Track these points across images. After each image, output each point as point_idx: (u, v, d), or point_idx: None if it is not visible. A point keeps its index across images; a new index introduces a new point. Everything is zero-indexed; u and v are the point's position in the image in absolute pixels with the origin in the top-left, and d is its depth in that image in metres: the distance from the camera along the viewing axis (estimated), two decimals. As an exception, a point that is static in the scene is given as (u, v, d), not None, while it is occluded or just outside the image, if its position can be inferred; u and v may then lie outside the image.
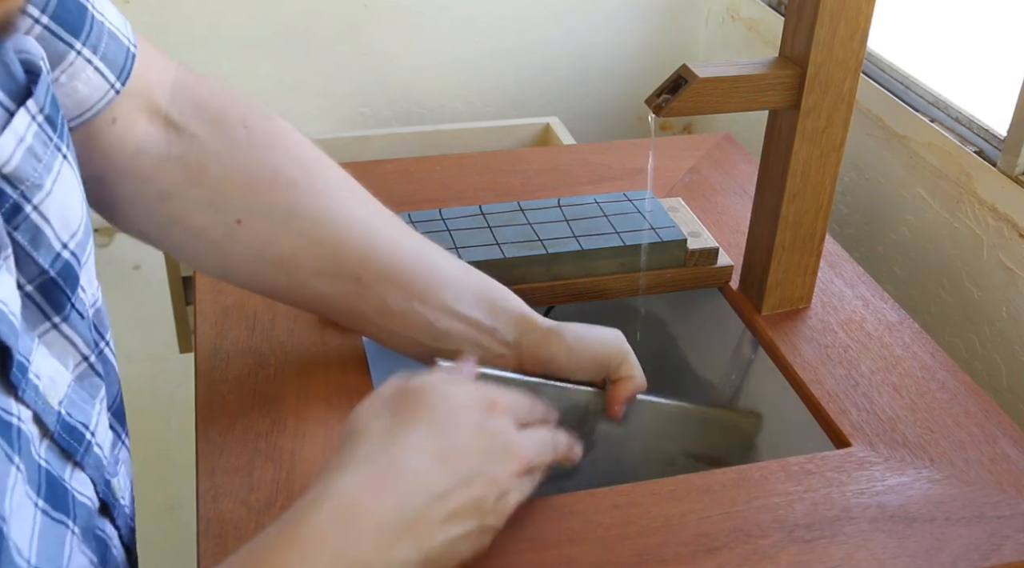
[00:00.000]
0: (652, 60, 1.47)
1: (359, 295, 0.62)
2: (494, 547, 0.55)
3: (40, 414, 0.45)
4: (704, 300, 0.84)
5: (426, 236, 0.65)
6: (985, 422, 0.66)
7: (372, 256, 0.62)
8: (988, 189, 0.86)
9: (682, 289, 0.80)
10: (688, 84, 0.65)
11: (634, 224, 0.79)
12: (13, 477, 0.41)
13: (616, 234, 0.78)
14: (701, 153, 0.98)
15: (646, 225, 0.78)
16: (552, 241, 0.77)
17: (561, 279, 0.76)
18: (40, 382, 0.46)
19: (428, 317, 0.62)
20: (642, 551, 0.56)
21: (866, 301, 0.78)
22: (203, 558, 0.54)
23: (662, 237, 0.77)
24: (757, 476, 0.61)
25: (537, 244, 0.76)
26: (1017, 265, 0.84)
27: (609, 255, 0.77)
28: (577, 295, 0.77)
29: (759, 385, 0.78)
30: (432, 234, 0.76)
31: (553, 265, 0.76)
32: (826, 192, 0.71)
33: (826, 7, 0.63)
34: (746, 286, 0.78)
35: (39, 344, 0.47)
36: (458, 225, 0.78)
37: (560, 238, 0.77)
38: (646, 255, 0.76)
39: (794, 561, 0.55)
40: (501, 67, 1.43)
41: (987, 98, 0.91)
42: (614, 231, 0.78)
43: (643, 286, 0.77)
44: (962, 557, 0.56)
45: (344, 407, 0.65)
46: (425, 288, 0.62)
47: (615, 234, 0.78)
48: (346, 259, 0.62)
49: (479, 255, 0.74)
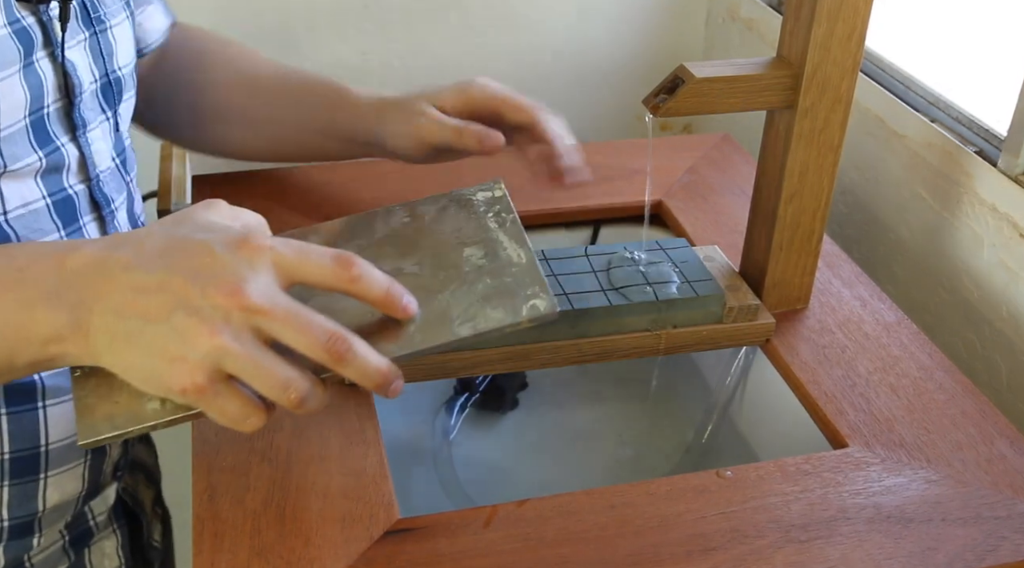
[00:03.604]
0: (652, 60, 1.47)
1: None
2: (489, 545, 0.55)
3: (87, 161, 0.62)
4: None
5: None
6: (982, 423, 0.66)
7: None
8: (988, 189, 0.86)
9: (718, 347, 0.74)
10: (685, 84, 0.65)
11: (667, 275, 0.73)
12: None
13: (648, 286, 0.71)
14: (700, 153, 0.98)
15: (680, 277, 0.73)
16: (578, 296, 0.71)
17: (587, 337, 0.70)
18: (92, 145, 0.63)
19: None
20: (637, 551, 0.56)
21: (864, 301, 0.78)
22: (198, 558, 0.54)
23: (698, 292, 0.71)
24: (753, 476, 0.61)
25: (561, 298, 0.69)
26: (1017, 265, 0.84)
27: (640, 311, 0.70)
28: (604, 354, 0.71)
29: (756, 385, 0.78)
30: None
31: (579, 321, 0.70)
32: (824, 192, 0.71)
33: (823, 7, 0.63)
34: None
35: (98, 125, 0.63)
36: None
37: (587, 292, 0.71)
38: (680, 311, 0.71)
39: (790, 562, 0.55)
40: (501, 67, 1.43)
41: (987, 98, 0.91)
42: (646, 282, 0.72)
43: (676, 345, 0.72)
44: (958, 558, 0.56)
45: (343, 406, 0.65)
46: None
47: (647, 286, 0.71)
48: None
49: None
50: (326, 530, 0.56)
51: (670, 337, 0.71)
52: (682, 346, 0.72)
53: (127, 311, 0.47)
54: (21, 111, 0.57)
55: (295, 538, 0.55)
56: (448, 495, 0.78)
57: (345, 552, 0.55)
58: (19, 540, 0.65)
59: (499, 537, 0.56)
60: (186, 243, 0.48)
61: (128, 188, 0.70)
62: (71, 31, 0.61)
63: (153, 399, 0.49)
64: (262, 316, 0.46)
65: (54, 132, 0.60)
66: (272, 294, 0.47)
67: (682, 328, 0.72)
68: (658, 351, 0.72)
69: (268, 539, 0.55)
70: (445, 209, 0.61)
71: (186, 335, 0.46)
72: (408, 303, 0.51)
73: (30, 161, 0.58)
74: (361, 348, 0.48)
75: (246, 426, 0.48)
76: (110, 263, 0.48)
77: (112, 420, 0.49)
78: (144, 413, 0.49)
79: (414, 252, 0.57)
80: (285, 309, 0.47)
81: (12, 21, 0.56)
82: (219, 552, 0.54)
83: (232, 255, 0.47)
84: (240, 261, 0.47)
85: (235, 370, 0.46)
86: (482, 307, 0.53)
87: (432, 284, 0.55)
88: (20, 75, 0.57)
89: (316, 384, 0.48)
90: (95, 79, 0.64)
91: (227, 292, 0.46)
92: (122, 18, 0.68)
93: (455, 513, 0.58)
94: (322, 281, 0.49)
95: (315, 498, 0.58)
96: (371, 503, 0.58)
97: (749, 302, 0.72)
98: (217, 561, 0.54)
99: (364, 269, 0.50)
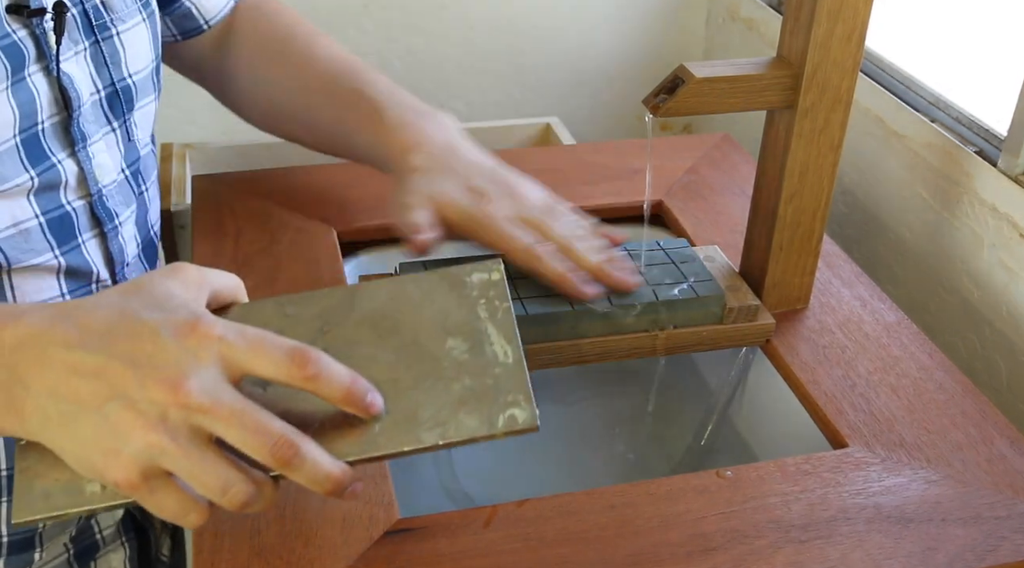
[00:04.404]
0: (652, 60, 1.47)
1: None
2: (489, 545, 0.55)
3: (87, 176, 0.62)
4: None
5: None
6: (982, 423, 0.66)
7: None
8: (988, 189, 0.86)
9: (718, 348, 0.74)
10: (685, 84, 0.65)
11: (667, 276, 0.73)
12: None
13: (648, 287, 0.71)
14: (700, 153, 0.98)
15: (680, 277, 0.73)
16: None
17: (588, 337, 0.70)
18: (94, 159, 0.62)
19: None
20: (637, 551, 0.56)
21: (864, 301, 0.78)
22: (198, 558, 0.54)
23: (698, 292, 0.71)
24: (753, 476, 0.61)
25: (561, 299, 0.69)
26: (1017, 265, 0.84)
27: (640, 311, 0.70)
28: (604, 355, 0.71)
29: (756, 385, 0.78)
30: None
31: (579, 322, 0.69)
32: (824, 192, 0.71)
33: (823, 7, 0.63)
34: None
35: (101, 138, 0.63)
36: None
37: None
38: (680, 311, 0.71)
39: (790, 562, 0.55)
40: (501, 67, 1.43)
41: (987, 98, 0.91)
42: (646, 283, 0.71)
43: (677, 345, 0.72)
44: (958, 558, 0.56)
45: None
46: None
47: (647, 287, 0.71)
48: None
49: None
50: (326, 530, 0.56)
51: (670, 337, 0.71)
52: (682, 346, 0.72)
53: (62, 393, 0.44)
54: (9, 131, 0.55)
55: (295, 538, 0.55)
56: (448, 495, 0.78)
57: (345, 552, 0.55)
58: (19, 555, 0.65)
59: (499, 537, 0.56)
60: (133, 323, 0.45)
61: (141, 198, 0.69)
62: (68, 42, 0.59)
63: (94, 481, 0.46)
64: (203, 415, 0.44)
65: (50, 148, 0.59)
66: (215, 390, 0.44)
67: (682, 328, 0.71)
68: (658, 351, 0.72)
69: (268, 539, 0.55)
70: (435, 289, 0.55)
71: (119, 428, 0.43)
72: (372, 402, 0.48)
73: (20, 181, 0.57)
74: (311, 452, 0.45)
75: (186, 522, 0.46)
76: (48, 339, 0.45)
77: (49, 499, 0.46)
78: (84, 495, 0.47)
79: (392, 337, 0.52)
80: (229, 408, 0.44)
81: (0, 37, 0.54)
82: (219, 552, 0.54)
83: (178, 343, 0.44)
84: (185, 351, 0.44)
85: (171, 468, 0.44)
86: (455, 412, 0.49)
87: (406, 377, 0.50)
88: (8, 93, 0.55)
89: (263, 484, 0.46)
90: (98, 90, 0.62)
91: (167, 387, 0.43)
92: (136, 21, 0.66)
93: (455, 513, 0.58)
94: (276, 377, 0.46)
95: (315, 498, 0.58)
96: (371, 503, 0.58)
97: (749, 302, 0.72)
98: (217, 561, 0.54)
99: (323, 366, 0.46)
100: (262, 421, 0.44)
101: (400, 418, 0.49)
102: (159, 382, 0.43)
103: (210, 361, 0.45)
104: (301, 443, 0.45)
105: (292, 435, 0.45)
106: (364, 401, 0.47)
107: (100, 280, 0.66)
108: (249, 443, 0.44)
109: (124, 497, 0.46)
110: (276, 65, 0.81)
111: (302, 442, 0.45)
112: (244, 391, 0.46)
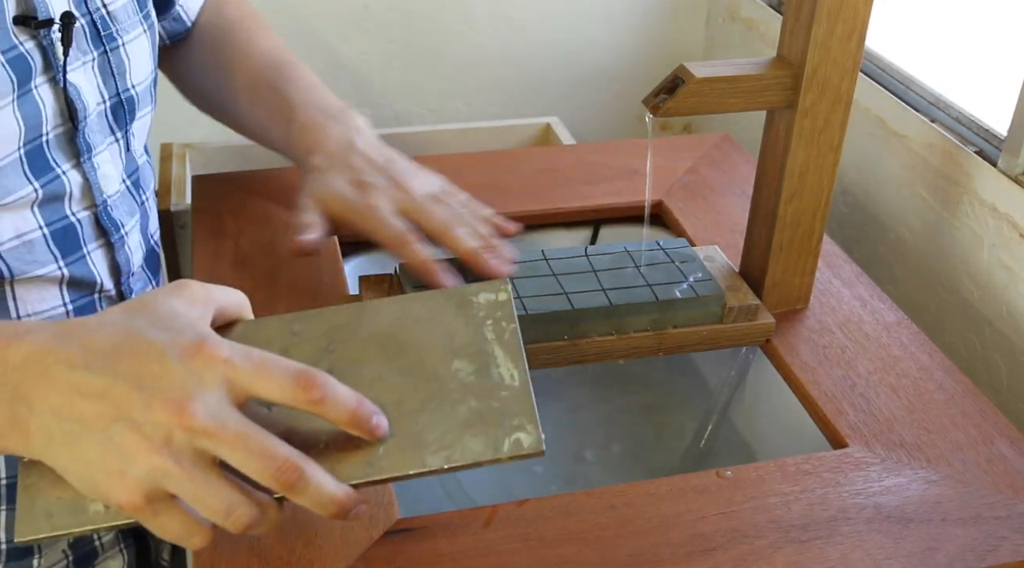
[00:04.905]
0: (652, 60, 1.47)
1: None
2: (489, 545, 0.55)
3: (92, 187, 0.62)
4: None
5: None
6: (982, 423, 0.66)
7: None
8: (988, 189, 0.86)
9: (718, 348, 0.73)
10: (685, 84, 0.65)
11: (667, 276, 0.73)
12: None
13: (648, 287, 0.71)
14: (700, 153, 0.98)
15: (680, 277, 0.72)
16: (578, 296, 0.70)
17: (587, 337, 0.70)
18: (99, 169, 0.62)
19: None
20: (637, 551, 0.56)
21: (864, 301, 0.78)
22: (198, 558, 0.54)
23: (698, 292, 0.71)
24: (753, 476, 0.61)
25: (562, 298, 0.69)
26: (1017, 265, 0.84)
27: (640, 311, 0.70)
28: (604, 354, 0.71)
29: (756, 385, 0.78)
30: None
31: (579, 322, 0.69)
32: (824, 192, 0.71)
33: (823, 7, 0.63)
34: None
35: (105, 148, 0.63)
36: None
37: (587, 292, 0.71)
38: (680, 311, 0.71)
39: (790, 562, 0.55)
40: (501, 67, 1.43)
41: (987, 98, 0.91)
42: (646, 283, 0.71)
43: (677, 345, 0.72)
44: (958, 558, 0.56)
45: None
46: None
47: (647, 287, 0.71)
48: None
49: None
50: (326, 530, 0.56)
51: (670, 337, 0.71)
52: (682, 346, 0.72)
53: (66, 413, 0.44)
54: (13, 143, 0.55)
55: (295, 538, 0.55)
56: (448, 495, 0.78)
57: (345, 552, 0.55)
58: (18, 562, 0.65)
59: (499, 537, 0.56)
60: (138, 343, 0.45)
61: (142, 208, 0.69)
62: (76, 52, 0.58)
63: (96, 501, 0.46)
64: (207, 438, 0.43)
65: (55, 159, 0.58)
66: (220, 413, 0.44)
67: (682, 328, 0.71)
68: (658, 351, 0.72)
69: (268, 539, 0.55)
70: (442, 309, 0.54)
71: (124, 450, 0.43)
72: (377, 425, 0.47)
73: (23, 193, 0.56)
74: (315, 475, 0.45)
75: (190, 544, 0.46)
76: (53, 359, 0.45)
77: (52, 518, 0.46)
78: (86, 515, 0.46)
79: (399, 357, 0.52)
80: (234, 431, 0.44)
81: (7, 49, 0.53)
82: (219, 552, 0.54)
83: (183, 365, 0.44)
84: (191, 373, 0.44)
85: (175, 491, 0.44)
86: (460, 435, 0.49)
87: (411, 399, 0.50)
88: (13, 106, 0.54)
89: (267, 507, 0.46)
90: (103, 100, 0.62)
91: (172, 409, 0.43)
92: (138, 32, 0.66)
93: (455, 513, 0.58)
94: (281, 400, 0.46)
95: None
96: (371, 503, 0.58)
97: (749, 302, 0.72)
98: (217, 561, 0.54)
99: (328, 390, 0.46)
100: (266, 445, 0.44)
101: (405, 441, 0.49)
102: (164, 404, 0.43)
103: (215, 384, 0.44)
104: (305, 467, 0.45)
105: (296, 459, 0.45)
106: (369, 424, 0.47)
107: (104, 291, 0.65)
108: (253, 467, 0.44)
109: (127, 518, 0.46)
110: (213, 56, 0.81)
111: (306, 466, 0.45)
112: (249, 410, 0.46)
